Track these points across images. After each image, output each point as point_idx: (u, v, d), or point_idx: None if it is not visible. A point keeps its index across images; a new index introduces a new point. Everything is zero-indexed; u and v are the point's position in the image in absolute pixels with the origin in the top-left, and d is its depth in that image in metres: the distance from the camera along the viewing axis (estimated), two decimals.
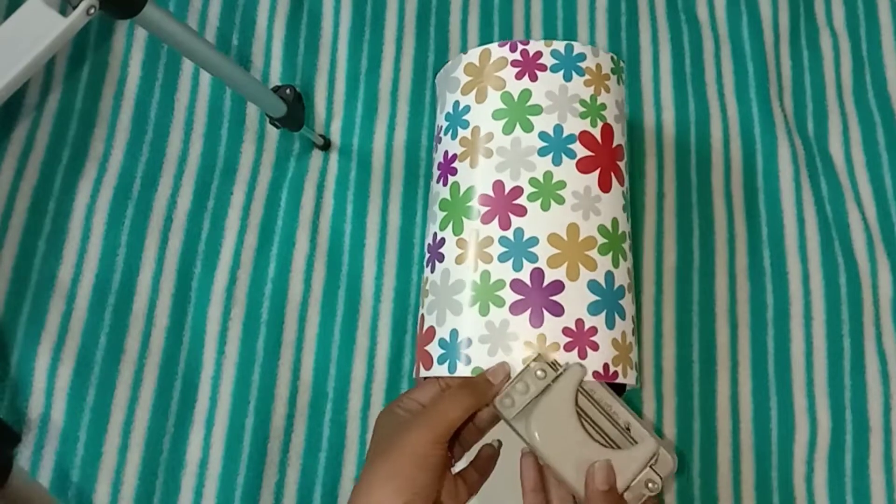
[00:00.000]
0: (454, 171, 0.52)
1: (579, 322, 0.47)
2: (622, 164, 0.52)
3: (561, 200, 0.48)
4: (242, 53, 0.68)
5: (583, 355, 0.47)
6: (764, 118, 0.65)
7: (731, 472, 0.56)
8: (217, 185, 0.64)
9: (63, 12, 0.41)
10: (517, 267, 0.47)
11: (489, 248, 0.48)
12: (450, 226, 0.50)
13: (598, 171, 0.50)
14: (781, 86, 0.67)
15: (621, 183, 0.51)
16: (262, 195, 0.63)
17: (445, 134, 0.53)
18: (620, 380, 0.48)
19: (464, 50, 0.68)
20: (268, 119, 0.62)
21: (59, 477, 0.56)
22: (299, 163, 0.64)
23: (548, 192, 0.49)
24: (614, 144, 0.51)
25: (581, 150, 0.49)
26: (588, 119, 0.50)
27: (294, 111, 0.59)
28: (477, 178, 0.50)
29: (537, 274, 0.47)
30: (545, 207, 0.48)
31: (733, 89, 0.67)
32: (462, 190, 0.51)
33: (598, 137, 0.50)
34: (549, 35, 0.69)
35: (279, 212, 0.63)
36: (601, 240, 0.49)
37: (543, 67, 0.51)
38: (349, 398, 0.58)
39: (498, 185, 0.49)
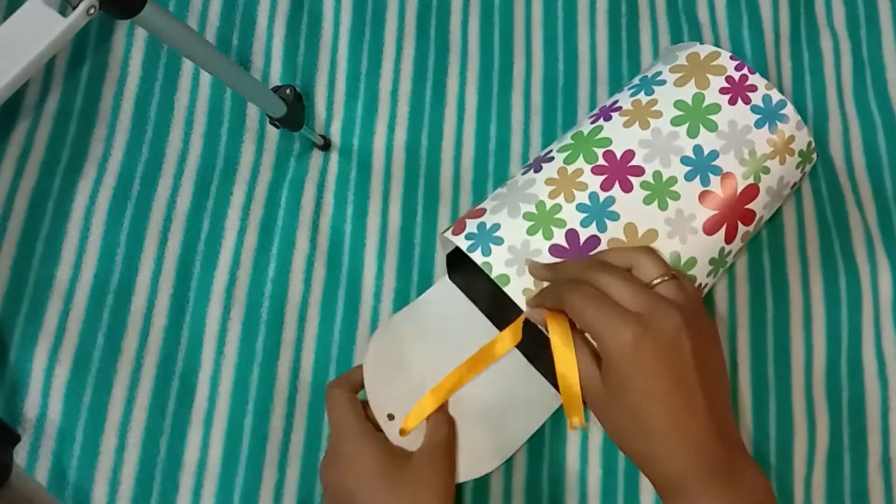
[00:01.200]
0: (608, 118, 0.52)
1: None
2: (741, 229, 0.51)
3: (664, 207, 0.49)
4: (242, 53, 0.68)
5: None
6: None
7: None
8: (217, 185, 0.64)
9: (63, 12, 0.41)
10: (584, 223, 0.48)
11: (579, 191, 0.49)
12: (567, 153, 0.51)
13: (715, 212, 0.50)
14: (782, 87, 0.67)
15: (727, 241, 0.51)
16: (262, 195, 0.63)
17: (629, 90, 0.54)
18: None
19: (464, 50, 0.68)
20: (268, 119, 0.62)
21: (56, 477, 0.56)
22: (299, 163, 0.64)
23: (660, 191, 0.49)
24: (747, 206, 0.51)
25: (714, 185, 0.50)
26: (745, 168, 0.50)
27: (294, 111, 0.59)
28: (619, 135, 0.51)
29: (592, 241, 0.48)
30: (647, 201, 0.49)
31: None
32: (599, 135, 0.51)
33: (737, 189, 0.50)
34: (548, 35, 0.69)
35: (279, 212, 0.63)
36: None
37: (747, 101, 0.51)
38: None
39: (628, 154, 0.50)
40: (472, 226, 0.50)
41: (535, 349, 0.54)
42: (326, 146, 0.65)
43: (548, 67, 0.68)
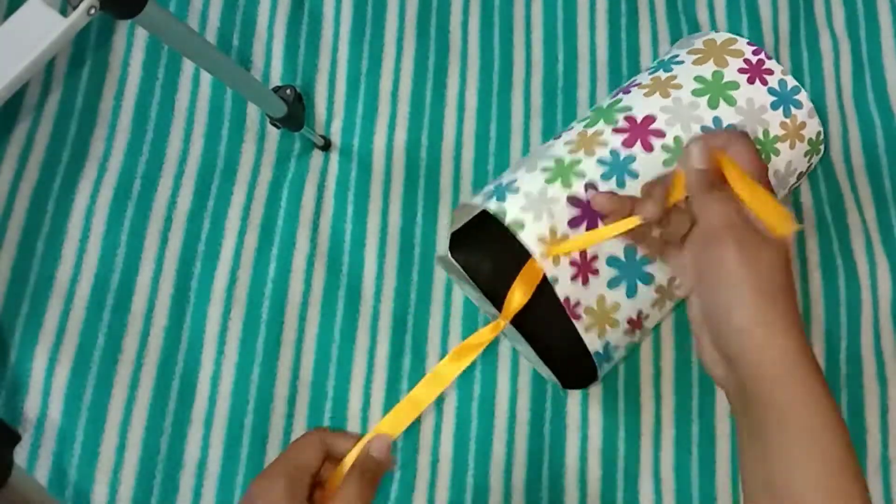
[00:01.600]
0: (628, 92, 0.53)
1: (595, 258, 0.47)
2: None
3: None
4: (243, 54, 0.68)
5: (583, 280, 0.47)
6: None
7: (729, 472, 0.56)
8: (217, 185, 0.64)
9: (63, 12, 0.41)
10: (605, 176, 0.48)
11: (598, 147, 0.49)
12: (587, 121, 0.52)
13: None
14: None
15: None
16: (263, 195, 0.63)
17: (647, 71, 0.55)
18: (580, 330, 0.48)
19: (464, 50, 0.68)
20: (268, 119, 0.62)
21: (57, 477, 0.56)
22: (300, 163, 0.64)
23: (677, 156, 0.49)
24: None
25: None
26: (757, 147, 0.51)
27: (294, 111, 0.59)
28: (640, 103, 0.51)
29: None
30: (667, 164, 0.49)
31: None
32: (620, 105, 0.52)
33: None
34: (548, 35, 0.69)
35: (279, 212, 0.63)
36: None
37: (764, 82, 0.52)
38: (349, 398, 0.58)
39: (649, 118, 0.50)
40: (490, 186, 0.50)
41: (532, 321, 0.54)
42: (327, 146, 0.65)
43: (548, 67, 0.68)
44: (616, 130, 0.50)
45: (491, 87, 0.67)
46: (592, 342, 0.48)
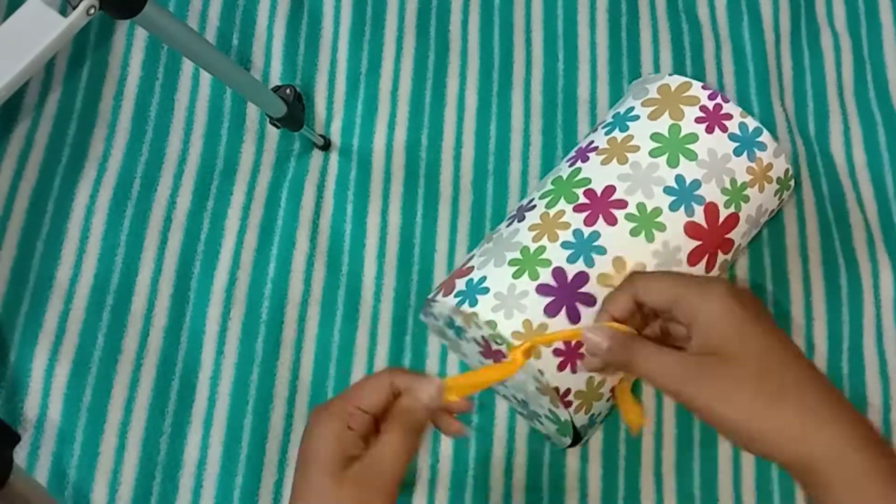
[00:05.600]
0: (586, 159, 0.52)
1: (579, 343, 0.47)
2: (720, 258, 0.51)
3: (651, 238, 0.48)
4: (242, 53, 0.68)
5: (572, 367, 0.47)
6: (765, 118, 0.65)
7: (731, 471, 0.56)
8: (217, 185, 0.64)
9: (63, 12, 0.41)
10: (571, 259, 0.48)
11: (561, 231, 0.49)
12: (548, 198, 0.51)
13: (698, 243, 0.49)
14: (782, 86, 0.67)
15: (707, 271, 0.51)
16: (262, 195, 0.63)
17: (603, 128, 0.54)
18: (573, 418, 0.48)
19: (464, 50, 0.68)
20: (268, 119, 0.62)
21: (56, 477, 0.56)
22: (299, 163, 0.64)
23: (646, 223, 0.48)
24: (727, 235, 0.51)
25: (699, 215, 0.49)
26: (726, 197, 0.50)
27: (294, 111, 0.59)
28: (598, 173, 0.51)
29: (580, 277, 0.47)
30: (634, 233, 0.48)
31: (734, 89, 0.67)
32: (578, 176, 0.51)
33: (720, 218, 0.50)
34: (548, 35, 0.69)
35: (279, 212, 0.63)
36: None
37: (724, 129, 0.51)
38: None
39: (609, 189, 0.50)
40: (460, 284, 0.50)
41: None
42: (326, 146, 0.65)
43: (548, 67, 0.68)
44: (577, 208, 0.49)
45: (491, 87, 0.67)
46: (581, 419, 0.49)
